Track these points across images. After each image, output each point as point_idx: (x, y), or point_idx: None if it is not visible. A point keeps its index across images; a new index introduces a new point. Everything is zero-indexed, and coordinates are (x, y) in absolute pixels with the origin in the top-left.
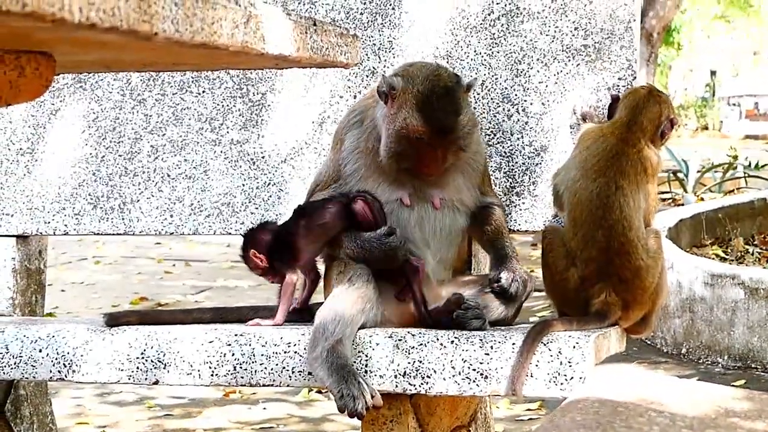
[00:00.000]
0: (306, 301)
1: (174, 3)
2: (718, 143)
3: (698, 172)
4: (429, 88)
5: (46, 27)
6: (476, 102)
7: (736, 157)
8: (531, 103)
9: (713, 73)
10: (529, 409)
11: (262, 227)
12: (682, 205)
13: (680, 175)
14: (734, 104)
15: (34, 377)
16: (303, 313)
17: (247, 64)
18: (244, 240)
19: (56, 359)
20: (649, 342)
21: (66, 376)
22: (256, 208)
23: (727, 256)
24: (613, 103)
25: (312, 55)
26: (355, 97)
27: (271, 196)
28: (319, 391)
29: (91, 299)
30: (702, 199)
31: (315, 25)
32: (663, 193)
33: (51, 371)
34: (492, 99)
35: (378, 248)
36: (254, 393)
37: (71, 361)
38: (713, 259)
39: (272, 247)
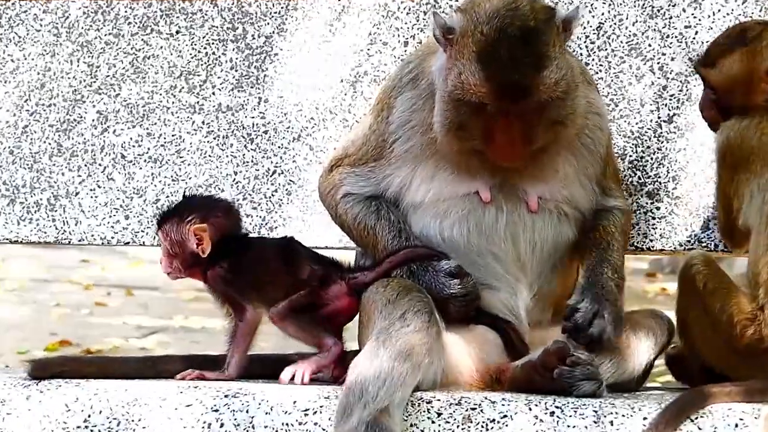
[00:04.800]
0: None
1: None
2: None
3: None
4: (496, 27)
5: None
6: (588, 55)
7: None
8: (672, 58)
9: None
10: None
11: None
12: None
13: None
14: None
15: None
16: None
17: None
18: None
19: None
20: None
21: None
22: (254, 209)
23: None
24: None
25: None
26: (406, 43)
27: (276, 191)
28: None
29: None
30: None
31: None
32: None
33: None
34: (614, 50)
35: (437, 291)
36: None
37: None
38: None
39: (235, 258)
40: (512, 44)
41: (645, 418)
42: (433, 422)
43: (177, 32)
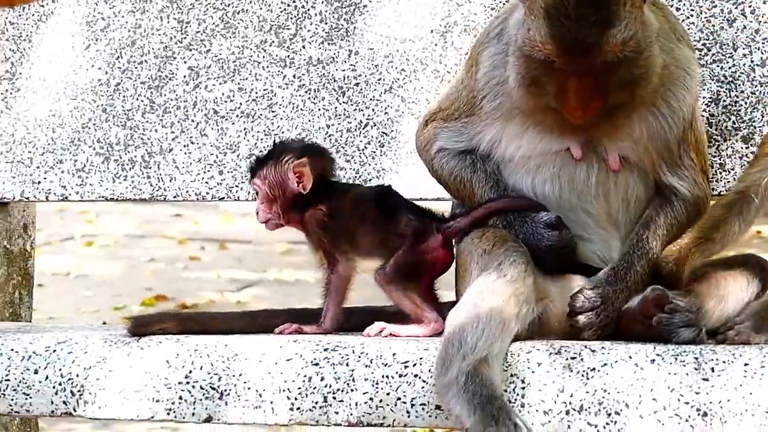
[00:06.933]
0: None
1: None
2: None
3: None
4: None
5: None
6: (680, 0)
7: None
8: (764, 1)
9: None
10: None
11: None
12: None
13: None
14: None
15: (27, 411)
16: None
17: None
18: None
19: (59, 385)
20: None
21: (74, 411)
22: (347, 161)
23: None
24: None
25: None
26: None
27: (369, 143)
28: None
29: (82, 299)
30: None
31: None
32: None
33: (53, 402)
34: None
35: (534, 242)
36: None
37: (82, 387)
38: None
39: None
40: (579, 1)
41: (746, 364)
42: (533, 372)
43: None
